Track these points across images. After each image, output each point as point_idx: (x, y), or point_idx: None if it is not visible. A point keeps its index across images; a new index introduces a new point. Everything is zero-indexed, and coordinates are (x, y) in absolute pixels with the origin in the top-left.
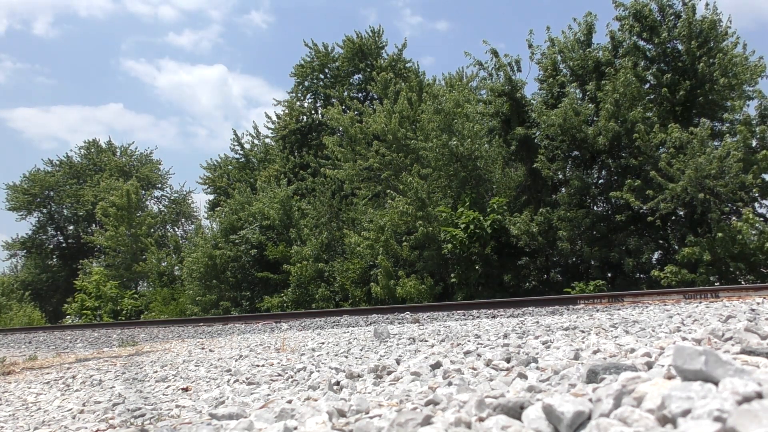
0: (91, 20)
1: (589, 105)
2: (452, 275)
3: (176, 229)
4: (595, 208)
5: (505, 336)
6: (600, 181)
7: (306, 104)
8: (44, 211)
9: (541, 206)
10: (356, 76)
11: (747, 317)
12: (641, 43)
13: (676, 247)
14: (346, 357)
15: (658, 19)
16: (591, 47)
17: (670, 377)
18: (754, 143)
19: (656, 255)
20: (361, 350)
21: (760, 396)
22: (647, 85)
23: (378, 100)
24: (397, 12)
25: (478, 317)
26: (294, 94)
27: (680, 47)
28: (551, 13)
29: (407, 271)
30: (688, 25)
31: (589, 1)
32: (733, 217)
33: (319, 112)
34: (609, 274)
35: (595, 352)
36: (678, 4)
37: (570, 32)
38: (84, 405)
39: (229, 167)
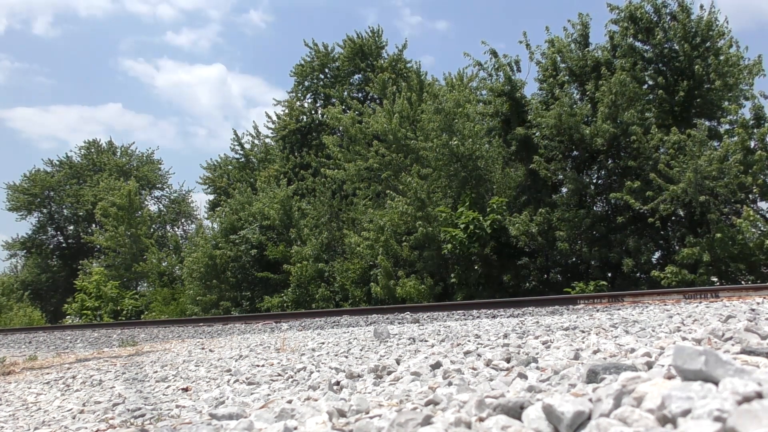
0: (91, 20)
1: (586, 105)
2: (452, 275)
3: (176, 229)
4: (594, 208)
5: (505, 336)
6: (599, 182)
7: (306, 104)
8: (44, 211)
9: (540, 206)
10: (356, 76)
11: (747, 317)
12: (638, 44)
13: (676, 248)
14: (346, 357)
15: (654, 20)
16: (589, 47)
17: (670, 377)
18: (752, 144)
19: (656, 255)
20: (361, 350)
21: (760, 396)
22: (646, 86)
23: (377, 100)
24: (397, 11)
25: (478, 317)
26: (294, 94)
27: (677, 48)
28: (552, 12)
29: (407, 271)
30: (682, 27)
31: (589, 0)
32: (733, 217)
33: (319, 112)
34: (609, 274)
35: (595, 352)
36: (673, 5)
37: (565, 34)
38: (84, 405)
39: (229, 167)
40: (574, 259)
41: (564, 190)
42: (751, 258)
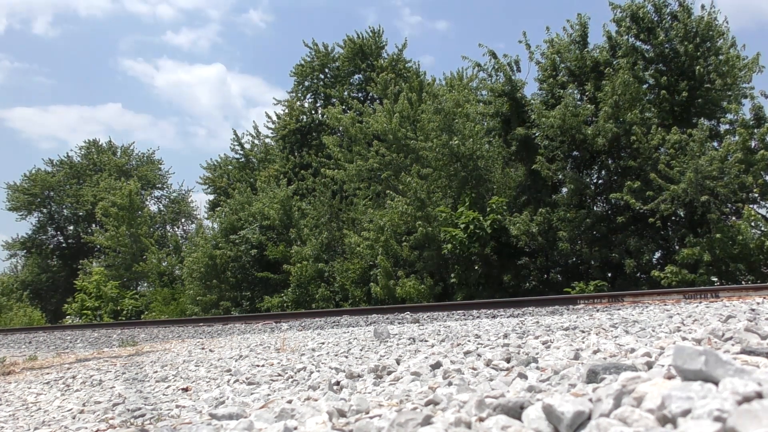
0: (91, 20)
1: (588, 106)
2: (452, 275)
3: (176, 229)
4: (595, 208)
5: (505, 336)
6: (600, 182)
7: (306, 104)
8: (44, 211)
9: (540, 206)
10: (356, 76)
11: (747, 317)
12: (639, 44)
13: (677, 248)
14: (346, 357)
15: (655, 20)
16: (587, 48)
17: (670, 377)
18: (753, 144)
19: (657, 255)
20: (361, 350)
21: (760, 396)
22: (646, 86)
23: (378, 100)
24: (397, 11)
25: (478, 317)
26: (294, 94)
27: (678, 48)
28: (551, 12)
29: (407, 271)
30: (683, 27)
31: (589, 0)
32: (733, 217)
33: (319, 112)
34: (609, 274)
35: (595, 352)
36: (674, 5)
37: (564, 33)
38: (84, 405)
39: (229, 167)
40: (574, 259)
41: (564, 190)
42: (751, 258)
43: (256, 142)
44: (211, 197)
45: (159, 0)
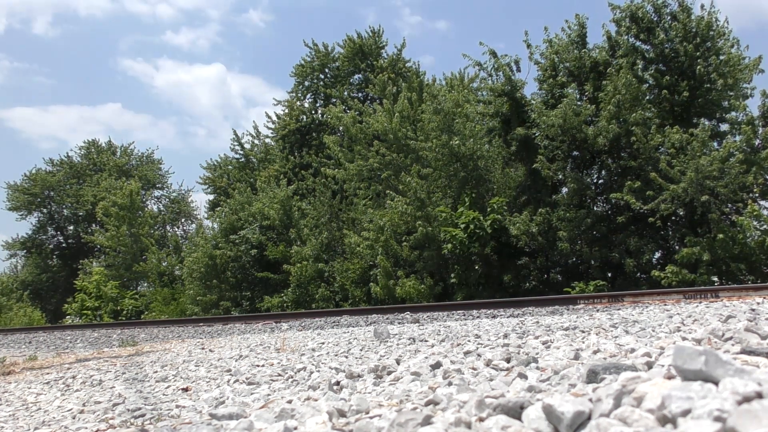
0: (91, 20)
1: (589, 105)
2: (452, 275)
3: (176, 229)
4: (595, 208)
5: (505, 336)
6: (600, 182)
7: (306, 104)
8: (44, 211)
9: (540, 206)
10: (356, 76)
11: (747, 317)
12: (639, 44)
13: (677, 248)
14: (346, 357)
15: (654, 20)
16: (586, 48)
17: (670, 377)
18: (757, 143)
19: (657, 255)
20: (361, 350)
21: (760, 396)
22: (646, 86)
23: (378, 100)
24: (397, 11)
25: (478, 317)
26: (294, 94)
27: (678, 48)
28: (551, 12)
29: (407, 271)
30: (683, 27)
31: (589, 1)
32: (734, 216)
33: (319, 112)
34: (609, 274)
35: (595, 352)
36: (674, 5)
37: (564, 33)
38: (84, 405)
39: (229, 167)
40: (574, 259)
41: (564, 190)
42: (751, 258)
43: (256, 142)
44: (211, 197)
45: (159, 0)
